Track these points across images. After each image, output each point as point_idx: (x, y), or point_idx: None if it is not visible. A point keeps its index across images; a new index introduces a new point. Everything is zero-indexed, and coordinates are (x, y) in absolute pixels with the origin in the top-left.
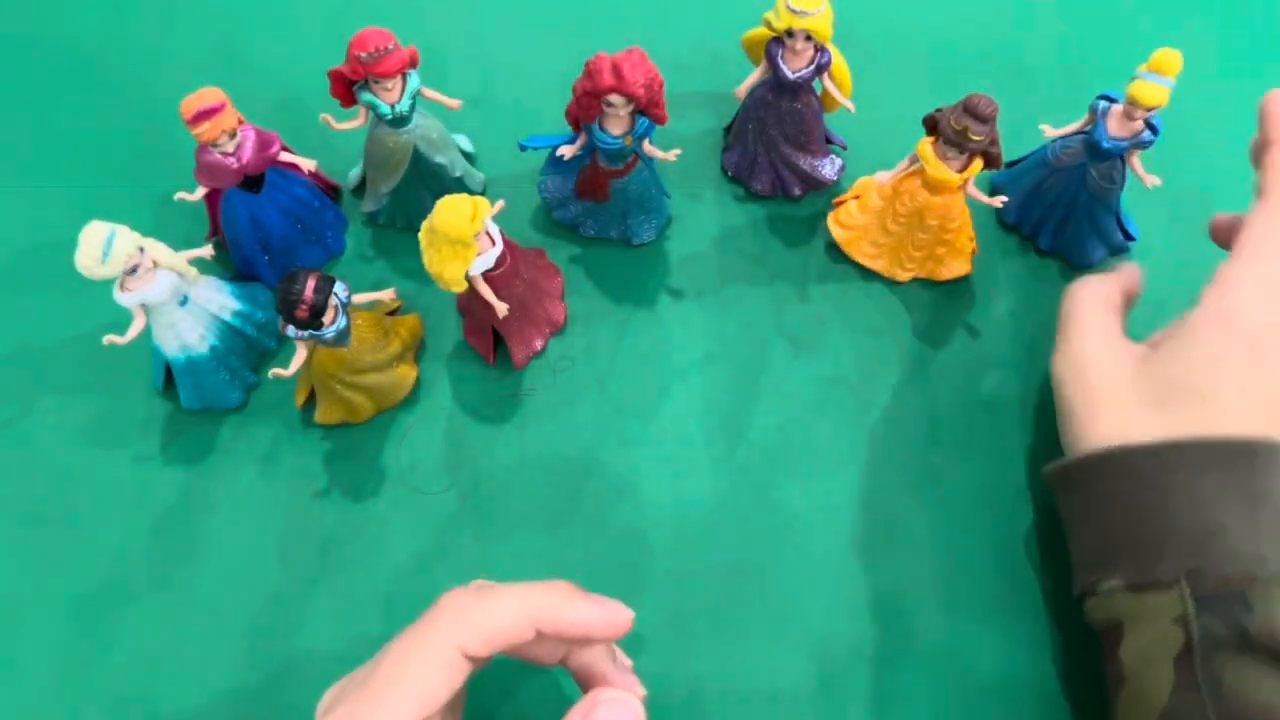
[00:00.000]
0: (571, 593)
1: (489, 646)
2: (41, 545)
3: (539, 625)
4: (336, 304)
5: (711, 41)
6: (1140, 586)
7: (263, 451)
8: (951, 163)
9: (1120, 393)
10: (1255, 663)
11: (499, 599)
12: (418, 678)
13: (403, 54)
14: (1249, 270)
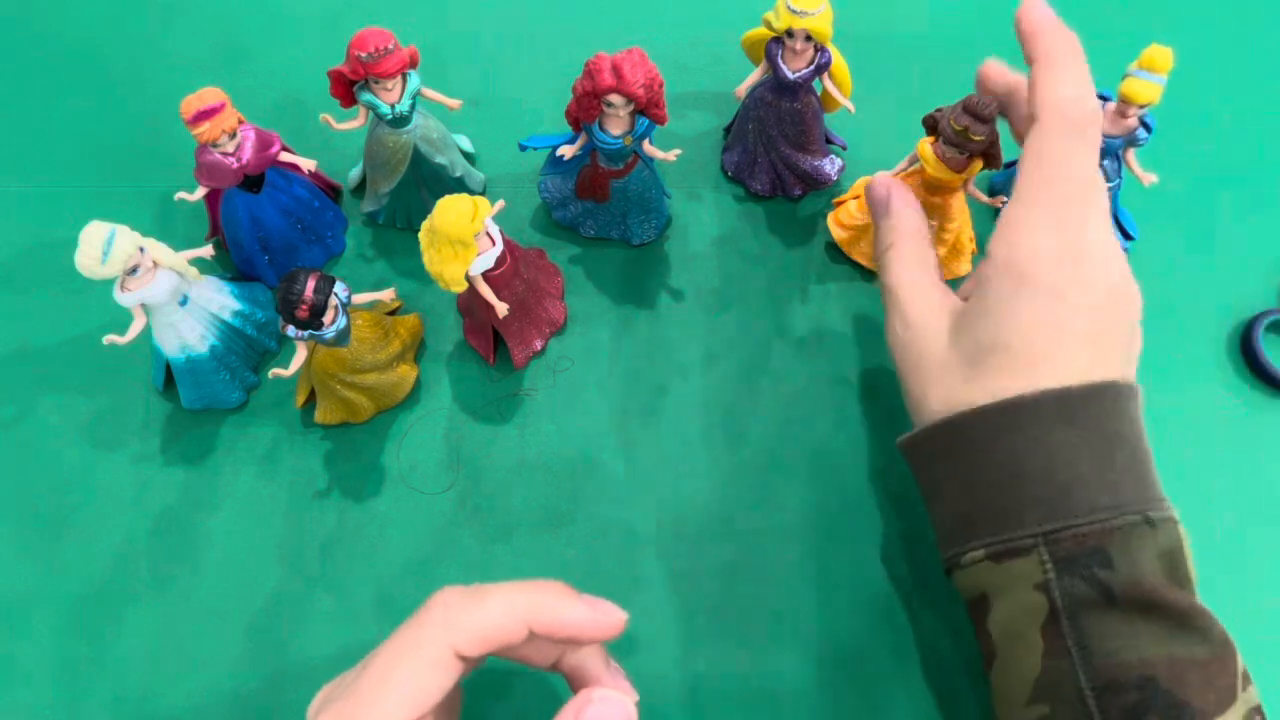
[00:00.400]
0: (564, 592)
1: (481, 646)
2: (41, 545)
3: (531, 624)
4: (337, 304)
5: (711, 41)
6: (1000, 555)
7: (263, 451)
8: (951, 163)
9: (941, 361)
10: (1124, 618)
11: (491, 598)
12: (409, 677)
13: (403, 54)
14: (1030, 210)
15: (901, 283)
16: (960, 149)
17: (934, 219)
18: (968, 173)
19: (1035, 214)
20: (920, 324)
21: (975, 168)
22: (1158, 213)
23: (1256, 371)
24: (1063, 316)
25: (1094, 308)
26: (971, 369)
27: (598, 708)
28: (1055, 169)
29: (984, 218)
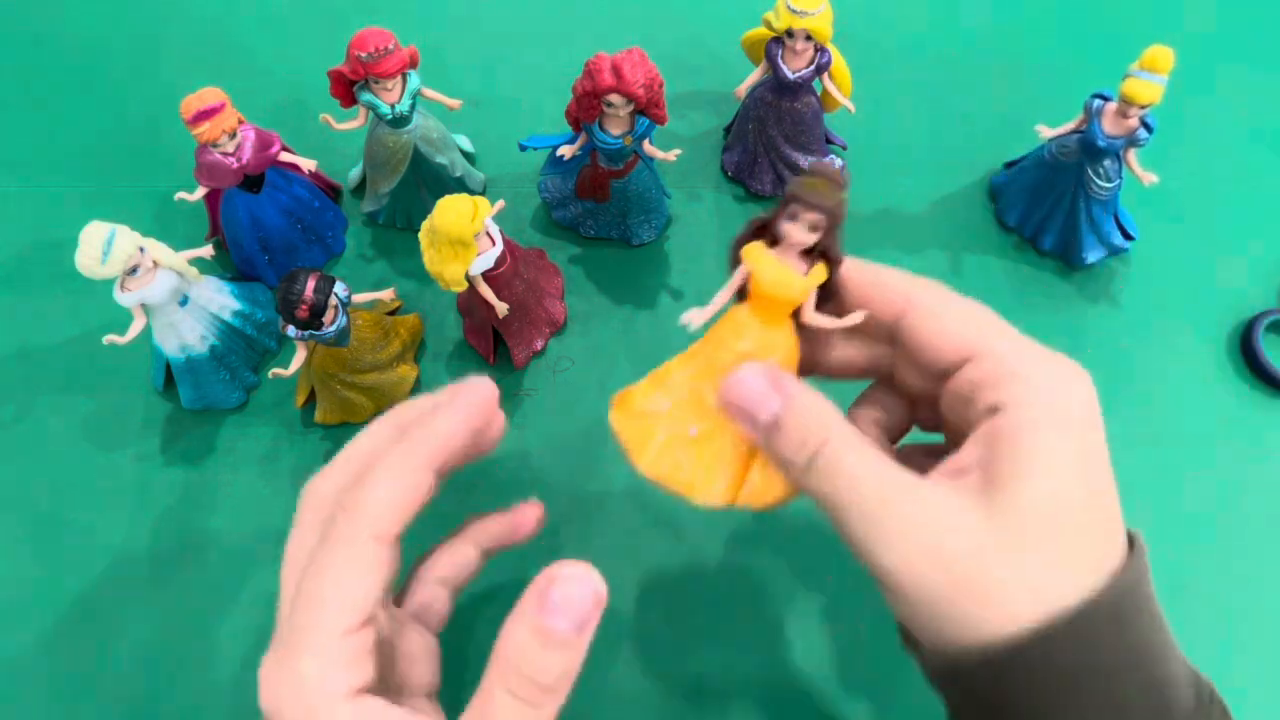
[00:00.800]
0: (420, 416)
1: (398, 519)
2: (41, 545)
3: (431, 464)
4: (336, 304)
5: (711, 41)
6: None
7: (263, 451)
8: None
9: (992, 563)
10: None
11: (379, 471)
12: (339, 587)
13: (403, 54)
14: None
15: (873, 488)
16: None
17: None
18: (813, 278)
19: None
20: (934, 529)
21: (816, 277)
22: (1158, 213)
23: (1256, 371)
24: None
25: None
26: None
27: (560, 586)
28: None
29: (984, 219)
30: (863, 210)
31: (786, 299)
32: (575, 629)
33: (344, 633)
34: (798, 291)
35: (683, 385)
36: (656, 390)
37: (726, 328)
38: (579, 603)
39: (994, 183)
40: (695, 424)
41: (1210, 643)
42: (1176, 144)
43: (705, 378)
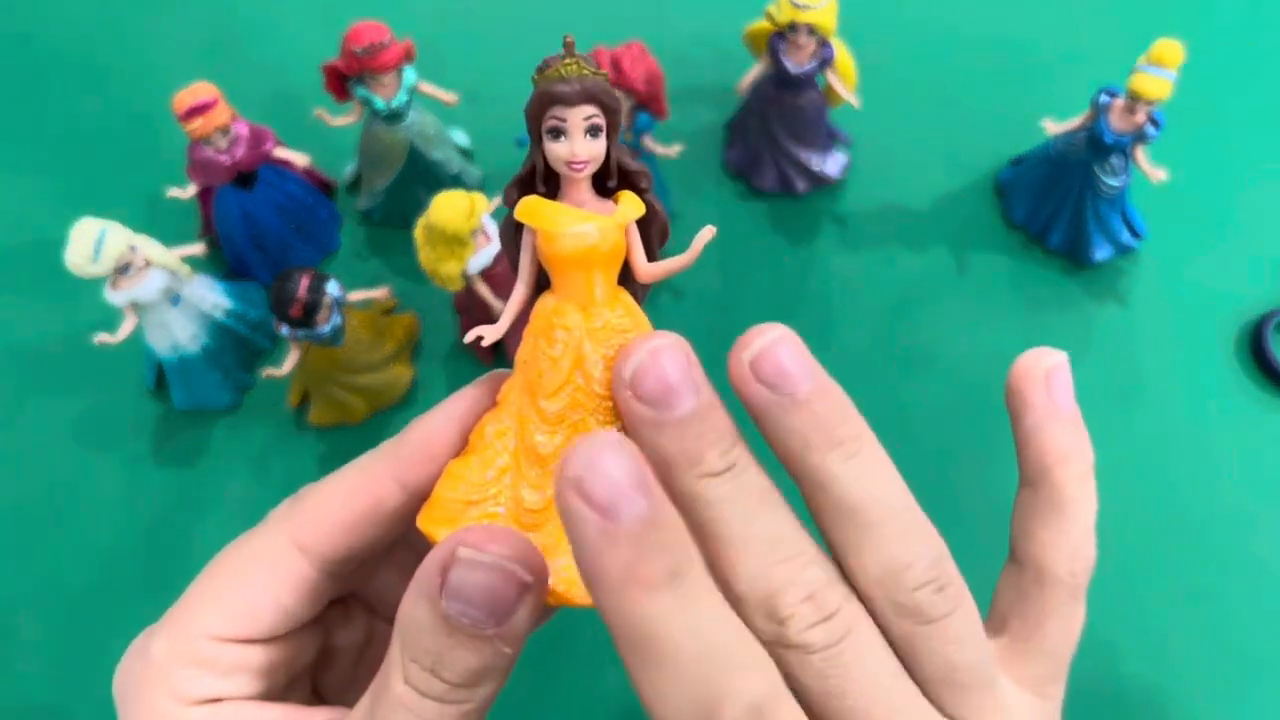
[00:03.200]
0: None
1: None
2: (32, 547)
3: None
4: (331, 303)
5: (713, 35)
6: None
7: (256, 453)
8: (580, 200)
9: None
10: None
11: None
12: (229, 584)
13: (398, 48)
14: None
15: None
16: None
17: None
18: (617, 215)
19: None
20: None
21: (629, 208)
22: (1167, 211)
23: (1266, 371)
24: None
25: None
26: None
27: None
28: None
29: (991, 216)
30: (867, 207)
31: (592, 254)
32: (492, 619)
33: (219, 637)
34: (602, 239)
35: (502, 440)
36: (467, 460)
37: (533, 330)
38: (491, 593)
39: (1000, 179)
40: (532, 489)
41: (1214, 643)
42: (1185, 140)
43: (530, 416)
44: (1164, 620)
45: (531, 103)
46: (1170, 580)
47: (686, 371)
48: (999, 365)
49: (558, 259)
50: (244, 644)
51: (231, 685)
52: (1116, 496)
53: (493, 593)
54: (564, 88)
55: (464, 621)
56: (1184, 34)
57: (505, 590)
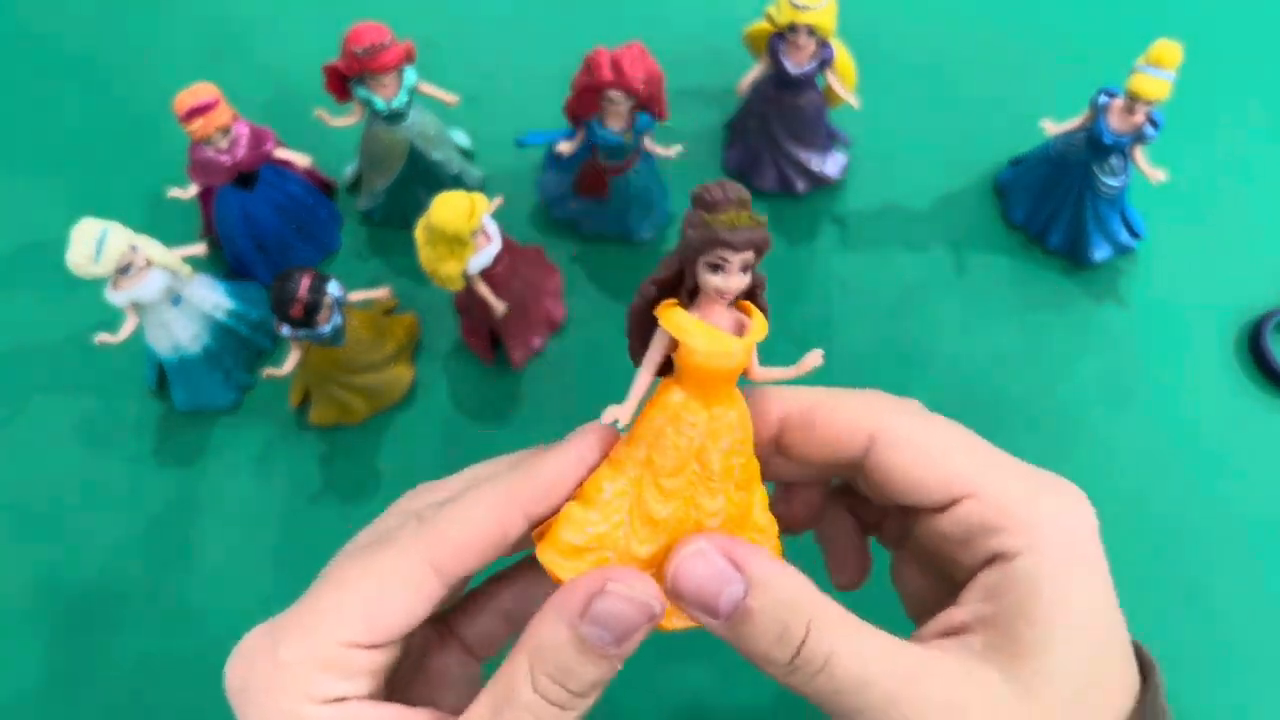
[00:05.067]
0: (540, 460)
1: (470, 560)
2: (33, 547)
3: (525, 508)
4: (331, 303)
5: (713, 36)
6: None
7: (257, 453)
8: (719, 322)
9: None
10: None
11: (470, 501)
12: (368, 596)
13: (399, 49)
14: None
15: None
16: (739, 249)
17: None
18: (753, 335)
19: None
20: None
21: (760, 328)
22: (1166, 211)
23: (1265, 371)
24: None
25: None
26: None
27: (609, 602)
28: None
29: (990, 216)
30: (867, 208)
31: (728, 370)
32: (616, 641)
33: (349, 643)
34: (739, 358)
35: (620, 499)
36: (588, 511)
37: (662, 418)
38: (627, 620)
39: (1000, 179)
40: (642, 544)
41: (1213, 643)
42: (1184, 141)
43: (648, 485)
44: (1162, 620)
45: (699, 238)
46: (1169, 580)
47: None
48: (998, 365)
49: (699, 370)
50: (370, 649)
51: (353, 686)
52: (1115, 497)
53: (627, 621)
54: (734, 237)
55: (596, 642)
56: (1183, 34)
57: (638, 620)
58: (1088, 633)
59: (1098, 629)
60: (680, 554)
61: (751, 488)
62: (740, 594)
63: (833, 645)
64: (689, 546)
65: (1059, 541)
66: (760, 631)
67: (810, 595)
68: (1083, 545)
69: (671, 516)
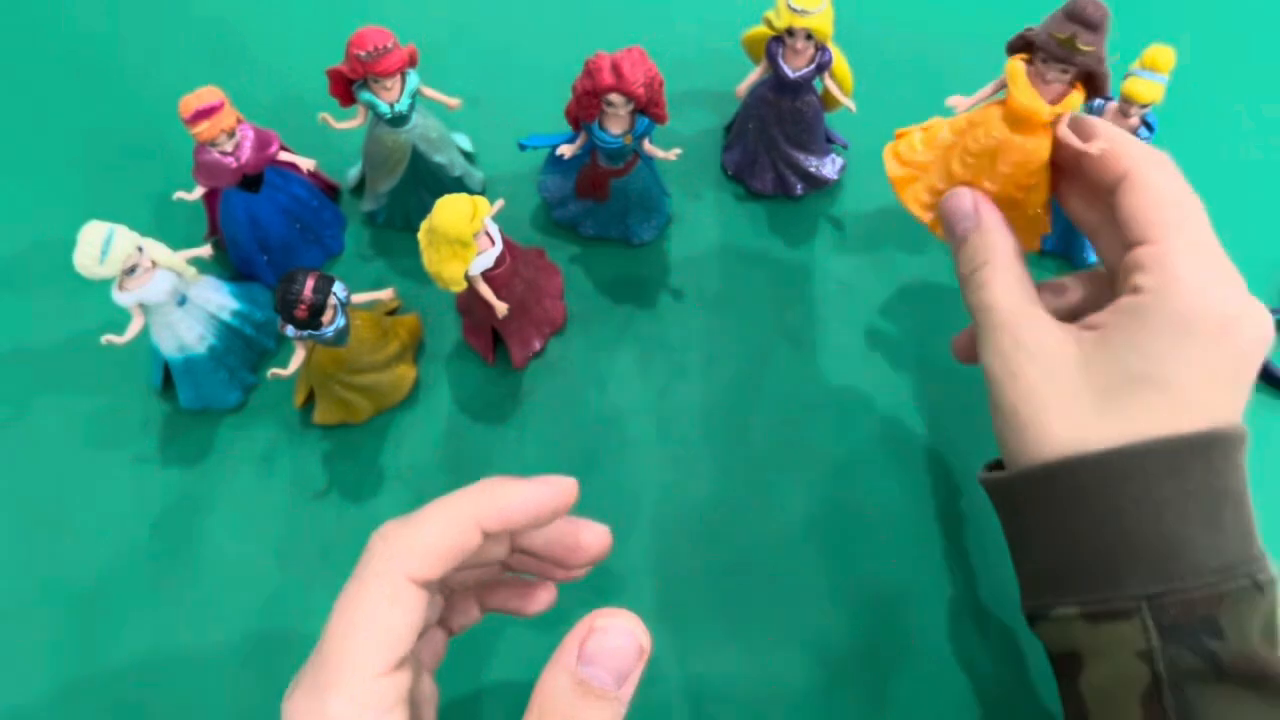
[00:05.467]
0: (503, 483)
1: (436, 564)
2: (39, 545)
3: (480, 522)
4: (335, 304)
5: (712, 40)
6: (1097, 616)
7: (261, 452)
8: (1046, 90)
9: (1069, 391)
10: (1232, 692)
11: (430, 512)
12: (373, 622)
13: (402, 53)
14: (1180, 248)
15: (1007, 305)
16: (1066, 63)
17: (1008, 165)
18: (1062, 106)
19: (1187, 253)
20: (1039, 348)
21: (1073, 101)
22: None
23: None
24: (1222, 356)
25: (1242, 352)
26: (1108, 400)
27: (602, 638)
28: (1180, 204)
29: None
30: (864, 209)
31: (1031, 122)
32: (615, 681)
33: (377, 674)
34: (1041, 120)
35: (942, 147)
36: (926, 145)
37: (981, 116)
38: (621, 655)
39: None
40: (940, 183)
41: None
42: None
43: (958, 151)
44: None
45: (1043, 37)
46: None
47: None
48: None
49: (1011, 108)
50: (397, 673)
51: (394, 717)
52: None
53: (619, 655)
54: (1058, 52)
55: (594, 684)
56: (1176, 38)
57: (629, 648)
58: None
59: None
60: (953, 191)
61: (1030, 192)
62: (968, 226)
63: (992, 277)
64: (960, 190)
65: (1183, 310)
66: (963, 253)
67: (1001, 245)
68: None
69: (960, 177)
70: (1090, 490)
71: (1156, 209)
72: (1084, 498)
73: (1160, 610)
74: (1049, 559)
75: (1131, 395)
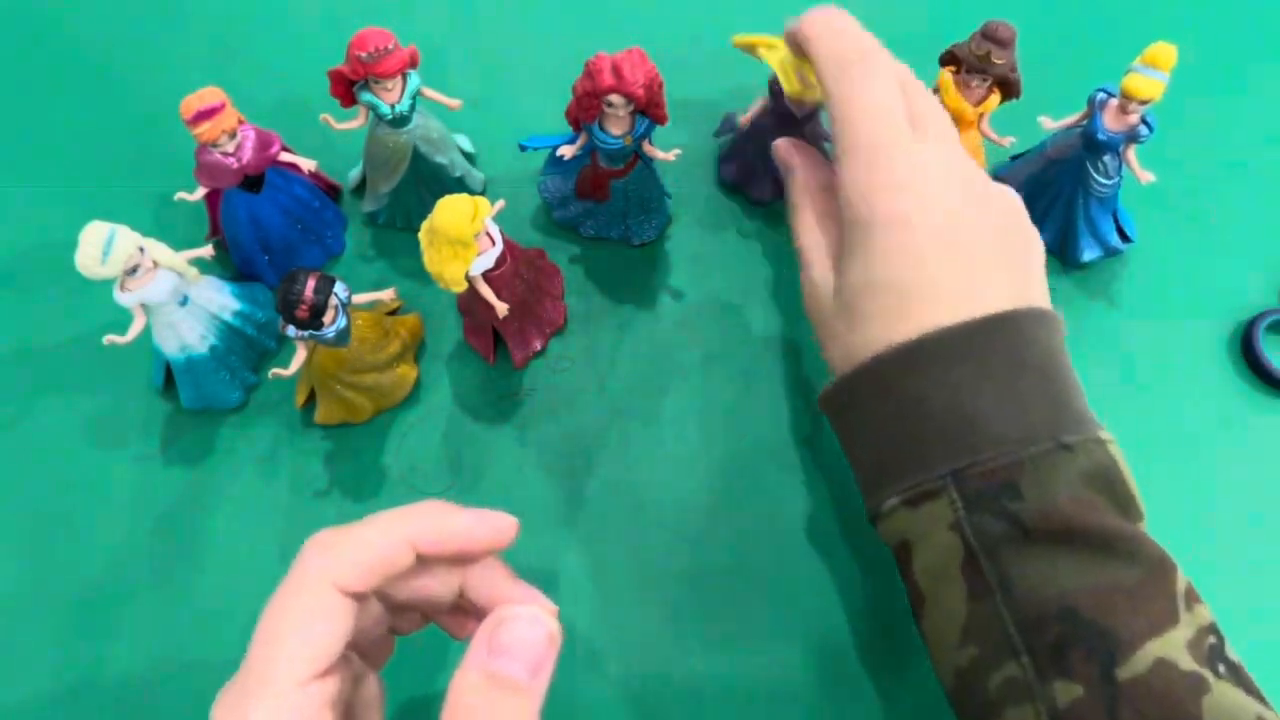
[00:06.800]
0: (445, 508)
1: (365, 577)
2: (41, 545)
3: (414, 542)
4: (336, 304)
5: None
6: (914, 500)
7: (263, 452)
8: (970, 94)
9: (832, 313)
10: (1042, 551)
11: (367, 525)
12: (297, 630)
13: (403, 54)
14: (851, 152)
15: (807, 243)
16: (982, 74)
17: None
18: (983, 107)
19: (856, 154)
20: (820, 280)
21: (991, 103)
22: (1158, 211)
23: (1257, 372)
24: (917, 246)
25: (941, 228)
26: (851, 318)
27: (510, 627)
28: (857, 109)
29: None
30: None
31: (961, 119)
32: (528, 672)
33: (299, 682)
34: (968, 118)
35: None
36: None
37: None
38: (530, 645)
39: (997, 174)
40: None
41: None
42: (1177, 142)
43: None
44: None
45: (964, 53)
46: None
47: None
48: None
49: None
50: (323, 679)
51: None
52: None
53: (529, 645)
54: (974, 64)
55: (507, 674)
56: (1177, 37)
57: (537, 640)
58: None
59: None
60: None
61: None
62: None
63: (797, 221)
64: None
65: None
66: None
67: (813, 186)
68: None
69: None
70: (879, 388)
71: (832, 113)
72: (877, 395)
73: (963, 482)
74: (871, 456)
75: (863, 306)
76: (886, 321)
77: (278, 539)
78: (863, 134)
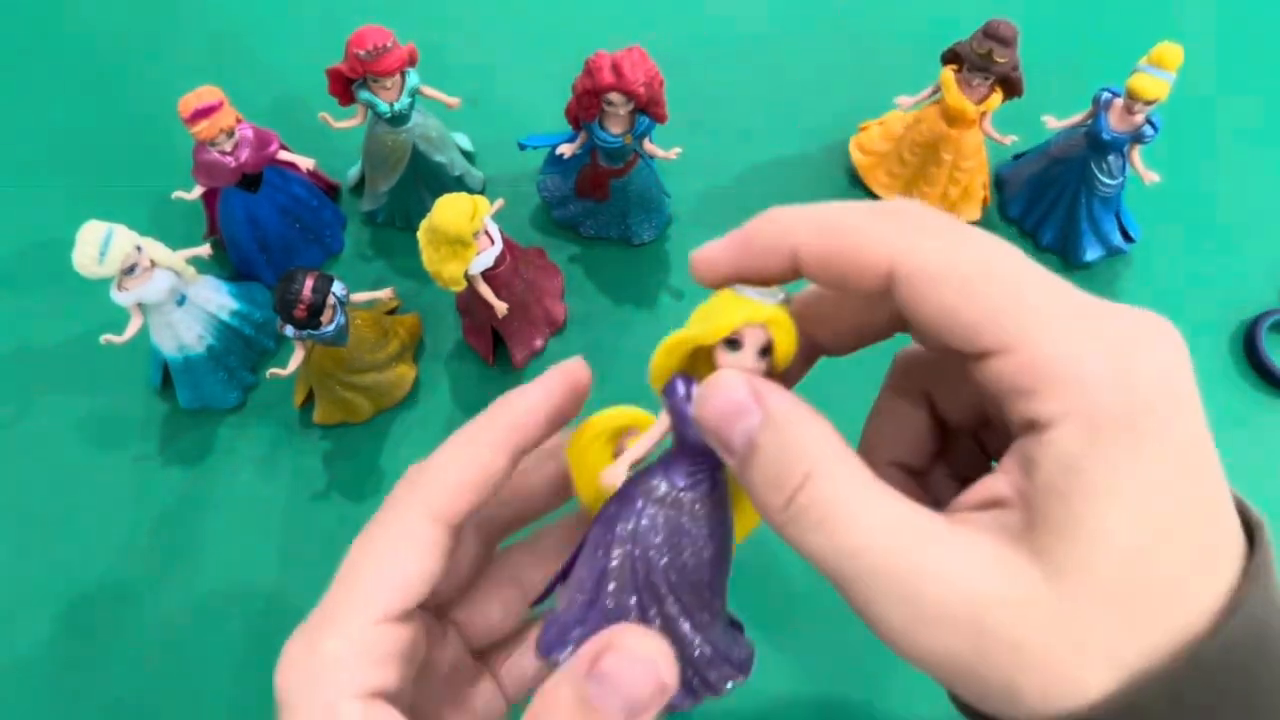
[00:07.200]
0: (508, 395)
1: (459, 496)
2: (39, 545)
3: (500, 444)
4: (334, 303)
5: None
6: None
7: (261, 452)
8: (972, 93)
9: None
10: None
11: (447, 445)
12: (380, 561)
13: (401, 52)
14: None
15: (884, 543)
16: (985, 73)
17: (948, 153)
18: (985, 105)
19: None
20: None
21: (993, 101)
22: (1161, 212)
23: (1260, 371)
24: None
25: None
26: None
27: (617, 659)
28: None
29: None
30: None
31: (963, 117)
32: (623, 713)
33: (377, 619)
34: (970, 116)
35: (894, 139)
36: (883, 137)
37: (928, 116)
38: (634, 684)
39: (1000, 173)
40: (895, 167)
41: None
42: (1181, 143)
43: (906, 143)
44: None
45: (966, 50)
46: None
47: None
48: None
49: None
50: (401, 624)
51: (386, 675)
52: None
53: (633, 684)
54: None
55: (599, 704)
56: (1179, 37)
57: (645, 683)
58: (1135, 523)
59: (1150, 516)
60: (709, 380)
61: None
62: (754, 428)
63: (829, 498)
64: (718, 375)
65: (1106, 405)
66: (759, 472)
67: (821, 439)
68: (1142, 407)
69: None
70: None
71: (968, 301)
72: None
73: None
74: None
75: (1126, 592)
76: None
77: (277, 539)
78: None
